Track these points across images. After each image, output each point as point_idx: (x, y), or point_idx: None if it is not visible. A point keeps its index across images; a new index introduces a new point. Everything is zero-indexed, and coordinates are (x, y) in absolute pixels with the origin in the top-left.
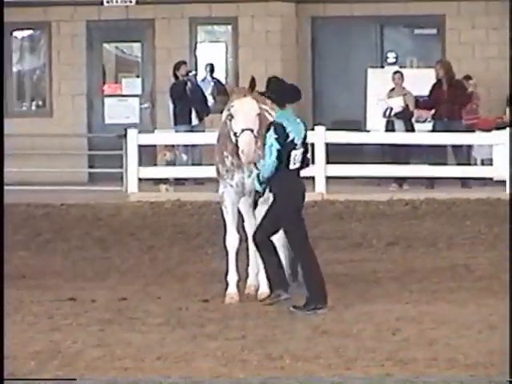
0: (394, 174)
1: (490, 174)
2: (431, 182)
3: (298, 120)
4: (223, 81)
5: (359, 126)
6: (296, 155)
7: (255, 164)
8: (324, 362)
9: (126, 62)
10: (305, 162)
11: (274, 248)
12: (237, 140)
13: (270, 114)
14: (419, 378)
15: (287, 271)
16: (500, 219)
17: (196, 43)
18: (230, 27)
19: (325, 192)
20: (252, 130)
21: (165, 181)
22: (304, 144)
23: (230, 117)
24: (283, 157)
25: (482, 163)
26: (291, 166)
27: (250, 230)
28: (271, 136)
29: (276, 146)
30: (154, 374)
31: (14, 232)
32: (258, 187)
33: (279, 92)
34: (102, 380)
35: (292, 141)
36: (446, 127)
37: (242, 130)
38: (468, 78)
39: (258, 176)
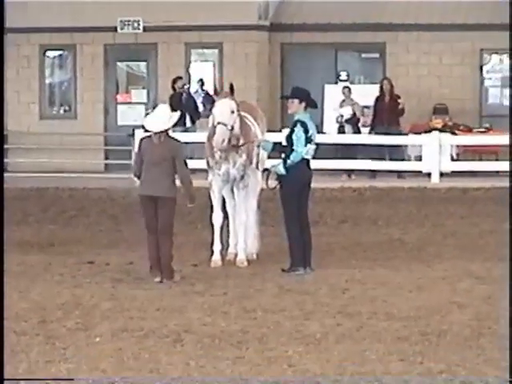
0: (344, 167)
1: (420, 167)
2: (373, 173)
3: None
4: (211, 92)
5: (317, 129)
6: (310, 148)
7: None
8: (288, 314)
9: (134, 76)
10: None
11: (300, 227)
12: (214, 132)
13: (249, 119)
14: (423, 377)
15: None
16: (427, 203)
17: (190, 62)
18: (216, 50)
19: None
20: (225, 124)
21: None
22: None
23: (213, 114)
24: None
25: (415, 159)
26: (305, 156)
27: (230, 210)
28: (300, 130)
29: (303, 136)
30: (153, 322)
31: (44, 210)
32: (283, 171)
33: (308, 97)
34: (101, 380)
35: (310, 136)
36: (385, 131)
37: (218, 123)
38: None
39: (284, 162)
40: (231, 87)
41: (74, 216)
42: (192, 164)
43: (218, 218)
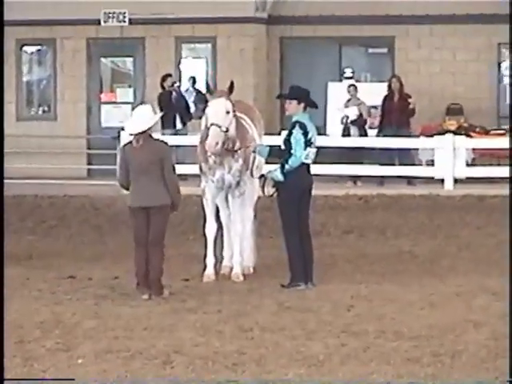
0: (350, 173)
1: (432, 173)
2: (381, 179)
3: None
4: (203, 91)
5: (320, 130)
6: (310, 152)
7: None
8: (288, 334)
9: (120, 74)
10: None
11: (300, 238)
12: (207, 134)
13: (245, 121)
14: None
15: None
16: (439, 212)
17: (180, 58)
18: (209, 45)
19: None
20: (219, 126)
21: None
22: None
23: (206, 115)
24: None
25: (427, 164)
26: (304, 161)
27: (225, 219)
28: (298, 132)
29: (303, 139)
30: (141, 342)
31: (22, 219)
32: (281, 177)
33: (307, 96)
34: (102, 380)
35: (310, 139)
36: (394, 133)
37: (211, 125)
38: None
39: (282, 167)
40: (231, 85)
41: (54, 226)
42: (183, 170)
43: (211, 228)
